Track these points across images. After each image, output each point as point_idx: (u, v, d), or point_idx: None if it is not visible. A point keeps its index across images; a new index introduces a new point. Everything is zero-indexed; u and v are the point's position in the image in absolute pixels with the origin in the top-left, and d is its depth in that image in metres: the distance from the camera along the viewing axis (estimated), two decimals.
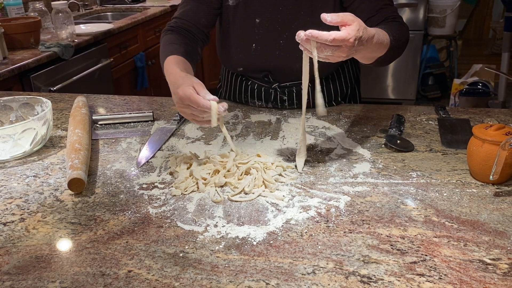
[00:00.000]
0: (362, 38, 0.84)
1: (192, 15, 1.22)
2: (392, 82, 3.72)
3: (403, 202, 0.82)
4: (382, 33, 0.97)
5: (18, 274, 0.68)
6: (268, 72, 1.25)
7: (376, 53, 0.97)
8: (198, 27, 1.23)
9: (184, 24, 1.22)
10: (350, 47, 0.82)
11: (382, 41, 0.95)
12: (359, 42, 0.84)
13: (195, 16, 1.22)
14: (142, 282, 0.65)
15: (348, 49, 0.83)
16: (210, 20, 1.25)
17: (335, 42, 0.81)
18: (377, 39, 0.92)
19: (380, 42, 0.94)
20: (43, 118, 1.04)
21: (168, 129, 1.16)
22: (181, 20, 1.22)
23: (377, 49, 0.95)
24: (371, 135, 1.10)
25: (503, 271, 0.65)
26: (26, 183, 0.94)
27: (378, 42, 0.93)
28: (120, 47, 2.73)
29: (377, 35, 0.93)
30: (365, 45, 0.87)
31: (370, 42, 0.89)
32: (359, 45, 0.85)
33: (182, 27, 1.21)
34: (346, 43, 0.81)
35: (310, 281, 0.64)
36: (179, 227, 0.77)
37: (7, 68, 1.86)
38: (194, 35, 1.22)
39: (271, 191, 0.87)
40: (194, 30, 1.22)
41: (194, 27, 1.22)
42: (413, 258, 0.68)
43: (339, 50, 0.83)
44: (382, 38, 0.96)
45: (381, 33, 0.96)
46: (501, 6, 4.82)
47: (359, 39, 0.83)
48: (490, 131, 0.86)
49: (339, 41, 0.81)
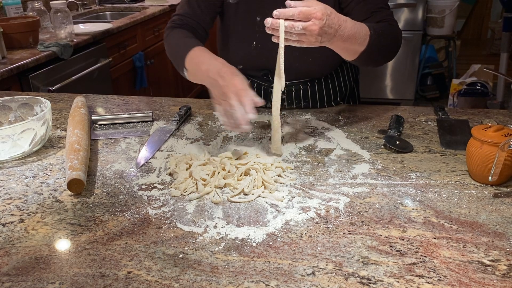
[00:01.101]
0: (330, 17, 0.87)
1: (194, 13, 1.23)
2: (391, 82, 3.72)
3: (403, 203, 0.83)
4: (360, 25, 0.97)
5: (18, 275, 0.68)
6: (268, 71, 1.26)
7: (353, 44, 0.97)
8: (200, 24, 1.24)
9: (187, 21, 1.23)
10: (319, 25, 0.85)
11: (359, 32, 0.96)
12: (329, 23, 0.87)
13: (196, 13, 1.23)
14: (142, 283, 0.65)
15: (318, 28, 0.85)
16: (211, 17, 1.26)
17: (302, 15, 0.85)
18: (352, 27, 0.93)
19: (355, 32, 0.94)
20: (42, 118, 1.04)
21: (168, 129, 1.16)
22: (184, 17, 1.23)
23: (353, 39, 0.95)
24: (370, 136, 1.10)
25: (502, 272, 0.65)
26: (25, 184, 0.93)
27: (353, 31, 0.94)
28: (119, 46, 2.72)
29: (352, 24, 0.94)
30: (337, 30, 0.89)
31: (342, 27, 0.90)
32: (329, 28, 0.87)
33: (186, 23, 1.22)
34: (314, 17, 0.85)
35: (309, 282, 0.64)
36: (179, 228, 0.77)
37: (6, 68, 1.85)
38: (197, 31, 1.23)
39: (271, 192, 0.87)
40: (196, 26, 1.23)
41: (196, 23, 1.23)
42: (412, 259, 0.68)
43: (309, 30, 0.86)
44: (359, 29, 0.96)
45: (358, 25, 0.97)
46: (500, 6, 4.83)
47: (328, 16, 0.86)
48: (489, 132, 0.86)
49: (306, 14, 0.85)
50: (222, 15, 1.26)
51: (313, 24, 0.86)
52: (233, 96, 0.93)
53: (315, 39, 0.89)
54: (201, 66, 1.04)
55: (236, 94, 0.93)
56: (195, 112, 1.28)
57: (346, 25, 0.92)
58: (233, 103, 0.93)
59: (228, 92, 0.94)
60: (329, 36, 0.90)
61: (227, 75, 0.97)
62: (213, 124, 1.20)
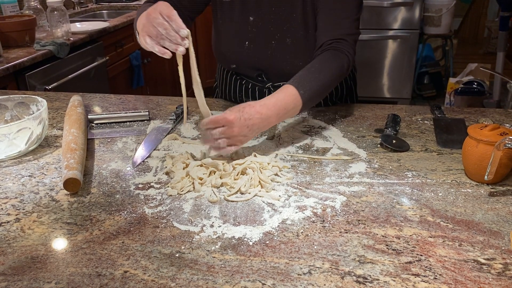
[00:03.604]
0: (244, 110, 0.92)
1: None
2: (388, 81, 3.72)
3: (399, 202, 0.83)
4: (283, 94, 0.99)
5: (14, 274, 0.68)
6: (261, 71, 1.26)
7: (288, 113, 0.99)
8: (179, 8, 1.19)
9: None
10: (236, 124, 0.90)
11: (284, 103, 0.97)
12: (245, 117, 0.92)
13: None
14: (138, 282, 0.65)
15: (237, 128, 0.91)
16: (195, 5, 1.23)
17: (212, 123, 0.92)
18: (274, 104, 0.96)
19: (279, 106, 0.97)
20: (39, 117, 1.04)
21: (164, 128, 1.16)
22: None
23: (284, 111, 0.98)
24: (367, 135, 1.10)
25: (498, 271, 0.66)
26: (21, 183, 0.93)
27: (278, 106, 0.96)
28: (116, 45, 2.72)
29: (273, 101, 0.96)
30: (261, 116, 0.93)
31: (263, 112, 0.94)
32: (249, 120, 0.92)
33: None
34: (225, 121, 0.90)
35: (306, 281, 0.65)
36: (175, 227, 0.77)
37: (2, 66, 1.84)
38: None
39: (267, 191, 0.87)
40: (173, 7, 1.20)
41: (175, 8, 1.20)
42: (408, 258, 0.69)
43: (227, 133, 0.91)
44: (283, 99, 0.98)
45: (281, 95, 0.98)
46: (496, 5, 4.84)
47: (241, 112, 0.92)
48: (485, 131, 0.86)
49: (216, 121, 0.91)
50: (215, 14, 1.26)
51: (229, 127, 0.91)
52: (158, 15, 0.90)
53: (241, 137, 0.93)
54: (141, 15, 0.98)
55: (161, 13, 0.90)
56: (192, 111, 1.28)
57: (267, 106, 0.95)
58: (160, 21, 0.89)
59: (152, 13, 0.91)
60: (254, 127, 0.93)
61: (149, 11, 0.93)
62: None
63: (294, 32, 1.17)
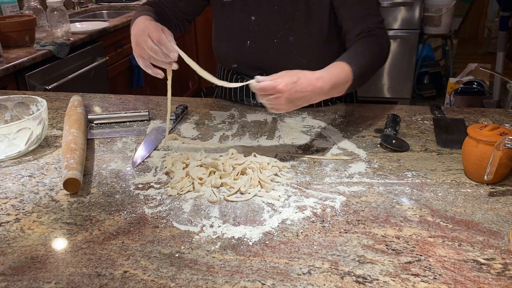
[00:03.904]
0: (297, 83, 0.88)
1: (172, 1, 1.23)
2: (388, 81, 3.72)
3: (398, 202, 0.83)
4: (340, 69, 0.97)
5: (13, 274, 0.68)
6: (263, 70, 1.26)
7: (336, 90, 0.97)
8: (176, 13, 1.23)
9: (162, 4, 1.22)
10: (284, 96, 0.87)
11: (338, 78, 0.95)
12: (296, 89, 0.88)
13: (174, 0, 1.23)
14: (138, 282, 0.65)
15: (284, 99, 0.87)
16: (190, 11, 1.25)
17: (263, 90, 0.88)
18: (329, 79, 0.93)
19: (335, 81, 0.94)
20: (39, 117, 1.04)
21: (164, 128, 1.16)
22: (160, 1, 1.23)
23: (335, 87, 0.95)
24: (367, 135, 1.10)
25: (497, 271, 0.66)
26: (21, 183, 0.93)
27: (332, 82, 0.94)
28: (116, 45, 2.72)
29: (329, 75, 0.94)
30: (313, 90, 0.90)
31: (317, 85, 0.91)
32: (298, 93, 0.88)
33: (160, 6, 1.22)
34: (276, 91, 0.87)
35: (305, 281, 0.65)
36: (175, 227, 0.77)
37: (2, 66, 1.84)
38: (168, 16, 1.22)
39: (267, 191, 0.87)
40: (170, 14, 1.23)
41: (171, 12, 1.23)
42: (408, 258, 0.69)
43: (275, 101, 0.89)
44: (339, 75, 0.96)
45: (337, 70, 0.96)
46: (496, 5, 4.84)
47: (293, 84, 0.88)
48: (485, 131, 0.86)
49: (267, 89, 0.87)
50: (216, 15, 1.26)
51: (276, 97, 0.88)
52: (147, 38, 0.95)
53: (288, 106, 0.90)
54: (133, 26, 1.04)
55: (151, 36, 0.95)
56: (192, 111, 1.28)
57: (323, 79, 0.92)
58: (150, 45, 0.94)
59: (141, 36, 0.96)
60: (303, 100, 0.91)
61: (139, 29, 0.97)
62: (209, 123, 1.20)
63: (297, 30, 1.17)
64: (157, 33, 0.94)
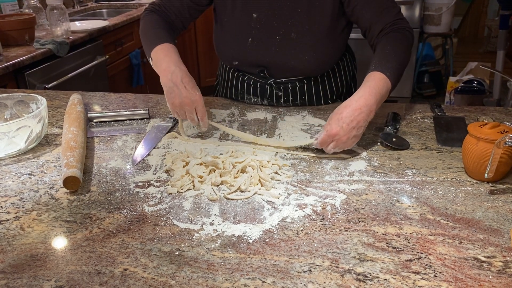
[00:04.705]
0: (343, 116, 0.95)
1: (176, 4, 1.25)
2: None
3: (399, 200, 0.83)
4: (377, 81, 1.00)
5: (13, 272, 0.68)
6: (264, 68, 1.25)
7: (384, 98, 1.02)
8: (178, 17, 1.25)
9: (166, 10, 1.24)
10: (342, 136, 0.94)
11: (380, 90, 1.00)
12: (346, 121, 0.94)
13: (178, 6, 1.25)
14: (138, 280, 0.65)
15: (344, 138, 0.94)
16: (193, 14, 1.28)
17: (322, 143, 0.96)
18: (373, 95, 0.98)
19: (378, 97, 0.99)
20: (38, 115, 1.03)
21: (164, 127, 1.16)
22: (165, 5, 1.25)
23: (381, 99, 1.00)
24: (367, 133, 1.10)
25: (498, 269, 0.66)
26: (21, 181, 0.93)
27: (376, 97, 0.98)
28: (116, 44, 2.71)
29: (370, 92, 0.98)
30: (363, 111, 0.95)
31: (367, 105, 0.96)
32: (351, 121, 0.94)
33: (163, 11, 1.24)
34: (331, 136, 0.94)
35: (306, 279, 0.64)
36: (175, 225, 0.77)
37: (2, 65, 1.84)
38: (173, 22, 1.25)
39: (267, 189, 0.87)
40: (173, 18, 1.25)
41: (175, 16, 1.25)
42: (408, 256, 0.69)
43: (338, 145, 0.95)
44: (380, 88, 1.00)
45: (376, 84, 1.00)
46: (496, 4, 4.83)
47: (340, 120, 0.95)
48: (485, 129, 0.86)
49: (325, 141, 0.95)
50: (218, 12, 1.26)
51: (337, 140, 0.95)
52: (193, 111, 1.04)
53: (351, 141, 0.96)
54: (162, 64, 1.10)
55: (196, 109, 1.04)
56: None
57: (364, 97, 0.97)
58: (193, 117, 1.05)
59: (189, 105, 1.04)
60: (358, 124, 0.95)
61: (189, 87, 1.04)
62: (210, 122, 1.19)
63: (299, 26, 1.17)
64: (203, 111, 1.05)
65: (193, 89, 1.04)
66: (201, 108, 1.04)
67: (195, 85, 1.06)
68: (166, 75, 1.07)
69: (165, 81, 1.07)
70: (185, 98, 1.03)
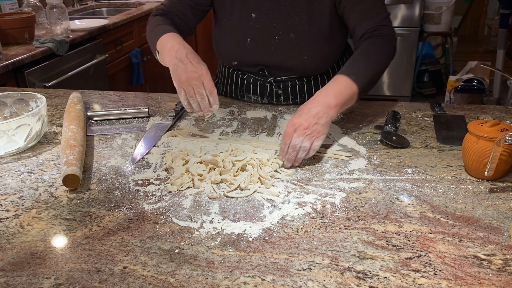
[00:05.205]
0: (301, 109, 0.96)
1: (179, 7, 1.24)
2: (388, 79, 3.72)
3: (399, 198, 0.83)
4: (339, 83, 1.01)
5: (13, 270, 0.68)
6: (263, 67, 1.25)
7: (350, 102, 1.02)
8: (183, 20, 1.25)
9: (171, 13, 1.24)
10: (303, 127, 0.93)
11: (343, 92, 1.00)
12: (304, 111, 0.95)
13: (182, 9, 1.24)
14: (138, 278, 0.65)
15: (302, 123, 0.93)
16: (197, 16, 1.27)
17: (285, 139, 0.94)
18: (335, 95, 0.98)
19: (343, 98, 0.99)
20: (38, 114, 1.03)
21: (164, 125, 1.15)
22: (169, 9, 1.25)
23: (346, 99, 1.00)
24: (367, 132, 1.10)
25: (498, 267, 0.66)
26: (20, 179, 0.93)
27: (341, 98, 0.99)
28: (115, 43, 2.71)
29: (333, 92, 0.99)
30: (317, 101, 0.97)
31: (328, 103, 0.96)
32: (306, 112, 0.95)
33: (168, 14, 1.24)
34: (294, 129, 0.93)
35: (305, 277, 0.64)
36: (175, 223, 0.77)
37: (1, 63, 1.84)
38: (178, 25, 1.24)
39: (267, 187, 0.87)
40: (179, 22, 1.24)
41: (179, 19, 1.24)
42: (408, 254, 0.68)
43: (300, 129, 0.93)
44: (342, 90, 1.00)
45: (339, 86, 1.00)
46: (496, 3, 4.83)
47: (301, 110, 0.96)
48: (485, 127, 0.86)
49: (288, 137, 0.93)
50: (217, 12, 1.26)
51: (298, 129, 0.93)
52: (201, 85, 0.98)
53: (316, 125, 0.94)
54: (167, 45, 1.07)
55: (204, 83, 0.98)
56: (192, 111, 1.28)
57: (321, 93, 0.99)
58: (201, 92, 0.98)
59: (195, 79, 0.98)
60: (322, 113, 0.95)
61: (195, 62, 1.00)
62: (209, 120, 1.19)
63: (298, 26, 1.17)
64: (211, 85, 0.99)
65: (199, 63, 1.00)
66: (208, 82, 0.99)
67: (201, 60, 1.02)
68: (171, 54, 1.04)
69: (170, 59, 1.04)
70: (192, 72, 0.99)
